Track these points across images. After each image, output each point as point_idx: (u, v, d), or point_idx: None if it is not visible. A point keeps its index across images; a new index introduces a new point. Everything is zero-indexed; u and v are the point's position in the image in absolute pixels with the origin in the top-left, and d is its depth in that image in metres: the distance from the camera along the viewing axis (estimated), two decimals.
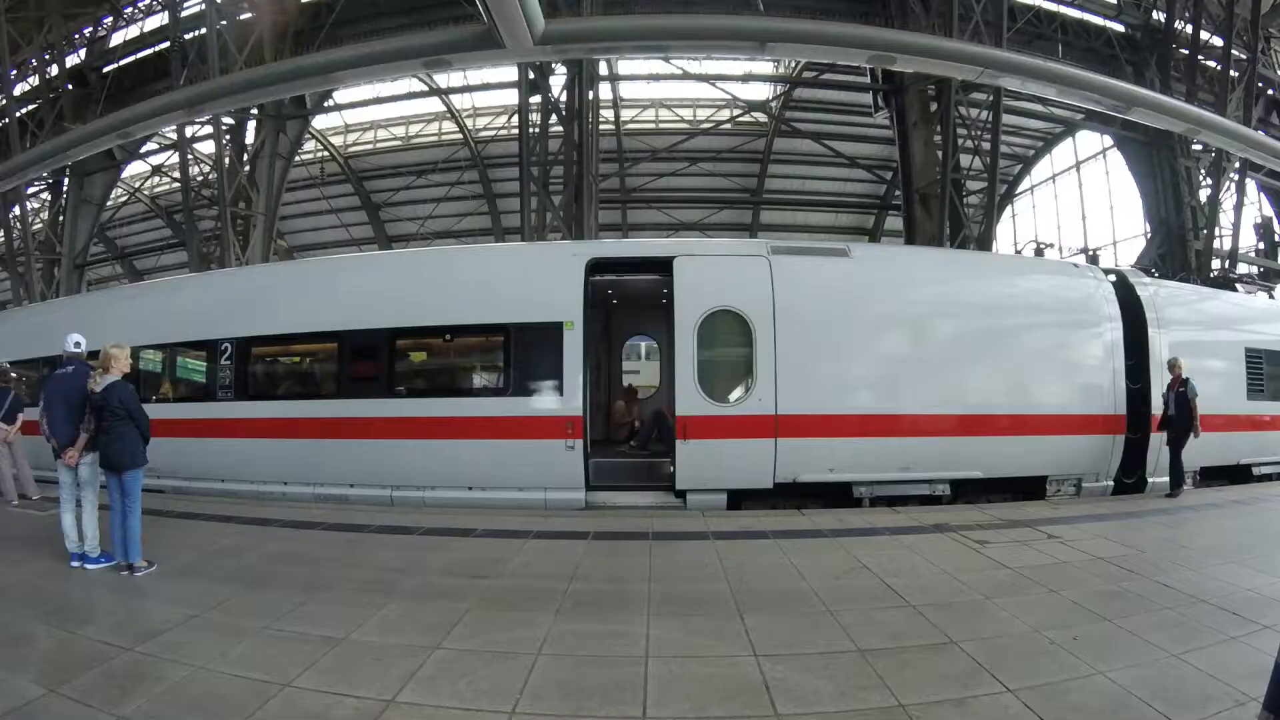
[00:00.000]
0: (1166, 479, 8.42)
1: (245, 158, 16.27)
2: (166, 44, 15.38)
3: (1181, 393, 7.78)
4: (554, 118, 12.89)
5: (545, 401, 7.30)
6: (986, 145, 13.76)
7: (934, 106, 14.36)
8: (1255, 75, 14.98)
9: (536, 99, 12.89)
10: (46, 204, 19.09)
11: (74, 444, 5.01)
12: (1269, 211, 18.05)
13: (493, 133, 22.54)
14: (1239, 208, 16.00)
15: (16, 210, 17.22)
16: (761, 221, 24.88)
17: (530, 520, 6.43)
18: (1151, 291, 8.60)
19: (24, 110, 16.70)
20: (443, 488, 7.38)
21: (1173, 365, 7.96)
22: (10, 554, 5.36)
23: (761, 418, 7.13)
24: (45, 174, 16.90)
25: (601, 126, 16.17)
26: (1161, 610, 3.95)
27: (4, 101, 15.79)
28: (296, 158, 18.28)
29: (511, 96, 17.71)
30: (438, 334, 7.94)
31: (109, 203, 20.23)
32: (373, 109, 22.31)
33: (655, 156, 20.36)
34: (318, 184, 23.14)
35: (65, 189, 17.91)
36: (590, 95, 13.06)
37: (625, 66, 20.13)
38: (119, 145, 14.53)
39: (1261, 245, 17.34)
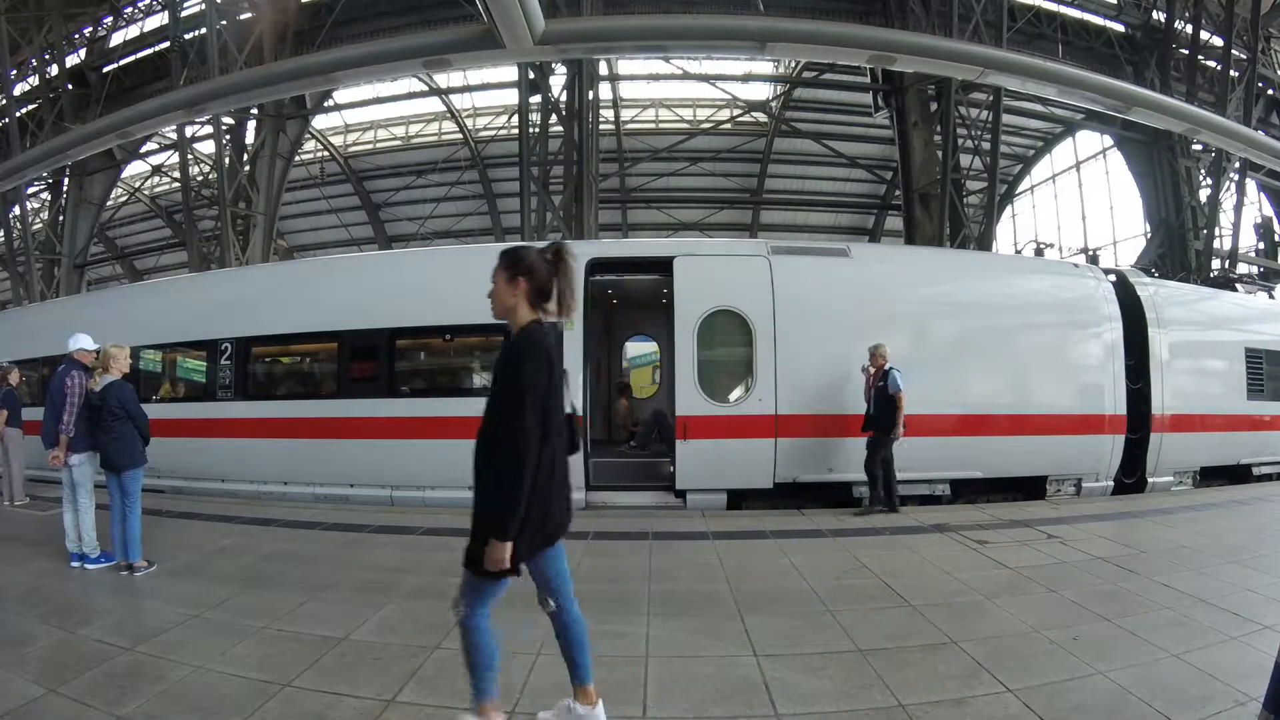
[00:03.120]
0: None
1: (245, 158, 16.26)
2: (166, 44, 15.40)
3: (881, 387, 6.56)
4: (554, 118, 12.90)
5: None
6: (986, 145, 13.76)
7: (934, 106, 14.37)
8: (1255, 75, 14.98)
9: (536, 99, 12.89)
10: (46, 204, 19.07)
11: (57, 444, 5.03)
12: (1269, 211, 18.05)
13: (493, 133, 22.53)
14: (1239, 208, 16.01)
15: (16, 210, 17.19)
16: (761, 221, 24.87)
17: None
18: (1151, 291, 8.59)
19: (24, 110, 16.68)
20: (443, 488, 7.35)
21: (874, 354, 6.63)
22: (10, 554, 5.36)
23: (761, 418, 7.12)
24: (45, 174, 16.89)
25: (601, 126, 16.18)
26: (1161, 610, 3.94)
27: (4, 101, 15.79)
28: (296, 158, 18.29)
29: (511, 96, 17.70)
30: (438, 334, 7.93)
31: (109, 203, 20.24)
32: (373, 109, 22.35)
33: (655, 156, 20.36)
34: (318, 184, 23.14)
35: (65, 189, 17.90)
36: (590, 95, 13.07)
37: (625, 66, 20.15)
38: (119, 145, 14.53)
39: (1261, 245, 17.34)
